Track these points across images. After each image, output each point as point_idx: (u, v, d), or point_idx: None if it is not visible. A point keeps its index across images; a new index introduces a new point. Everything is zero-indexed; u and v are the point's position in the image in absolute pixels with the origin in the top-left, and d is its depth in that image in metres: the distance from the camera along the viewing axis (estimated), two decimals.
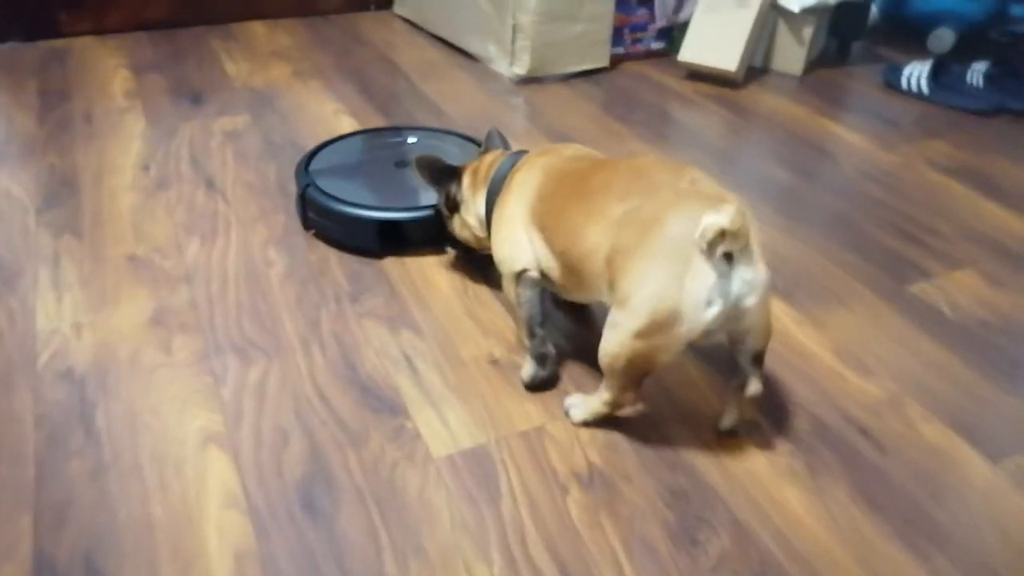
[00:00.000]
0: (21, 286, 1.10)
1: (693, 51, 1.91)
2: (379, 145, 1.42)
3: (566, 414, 0.92)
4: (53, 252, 1.17)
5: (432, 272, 1.17)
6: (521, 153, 1.05)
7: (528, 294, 0.95)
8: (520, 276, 0.95)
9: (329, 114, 1.68)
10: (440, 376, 0.96)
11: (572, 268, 0.89)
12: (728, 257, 0.76)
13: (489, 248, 1.02)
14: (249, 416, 0.89)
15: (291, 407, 0.91)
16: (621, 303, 0.81)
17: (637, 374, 0.84)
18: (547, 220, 0.92)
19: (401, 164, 1.34)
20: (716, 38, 1.89)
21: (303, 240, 1.23)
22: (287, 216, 1.29)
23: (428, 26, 2.16)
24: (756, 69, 1.99)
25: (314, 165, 1.31)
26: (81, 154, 1.45)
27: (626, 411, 0.91)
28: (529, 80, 1.88)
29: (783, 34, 1.97)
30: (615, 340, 0.82)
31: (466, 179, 1.08)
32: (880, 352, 1.04)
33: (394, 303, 1.10)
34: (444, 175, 1.09)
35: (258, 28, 2.14)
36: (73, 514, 0.78)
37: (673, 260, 0.78)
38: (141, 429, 0.87)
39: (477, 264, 1.18)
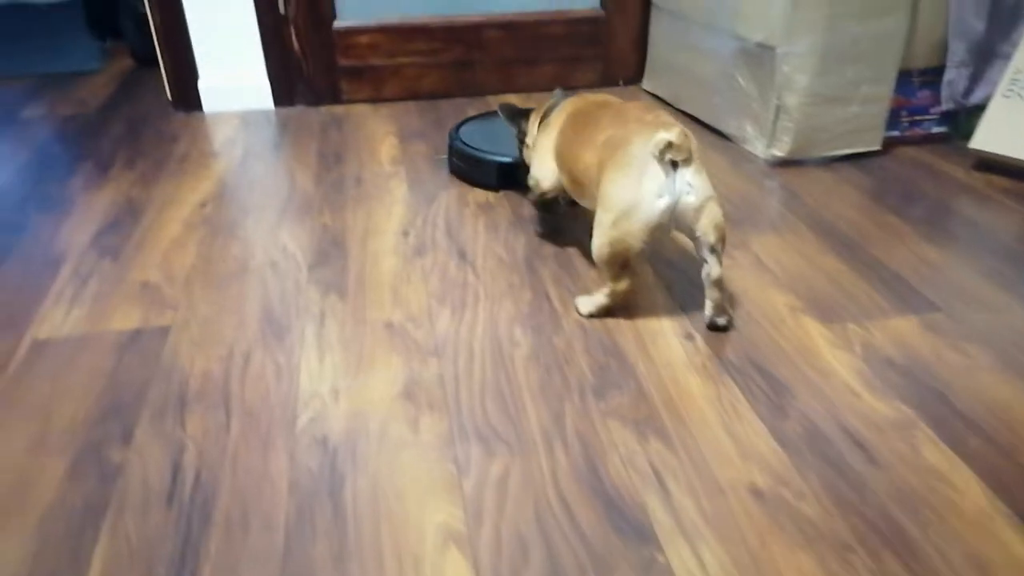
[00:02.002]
0: (289, 341, 1.16)
1: (989, 139, 1.68)
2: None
3: (576, 311, 1.22)
4: (320, 310, 1.24)
5: (682, 372, 1.08)
6: (569, 95, 1.39)
7: (543, 202, 1.41)
8: (543, 195, 1.38)
9: None
10: (694, 502, 0.87)
11: (577, 181, 1.24)
12: (674, 164, 1.08)
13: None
14: (490, 517, 0.85)
15: (532, 512, 0.86)
16: (601, 203, 1.14)
17: (619, 261, 1.15)
18: (563, 150, 1.28)
19: None
20: (1020, 126, 1.64)
21: (549, 321, 1.20)
22: (534, 294, 1.27)
23: (678, 103, 2.11)
24: None
25: (462, 130, 1.79)
26: (350, 215, 1.55)
27: None
28: (787, 163, 1.75)
29: None
30: (598, 233, 1.15)
31: (532, 117, 1.45)
32: None
33: (642, 404, 1.02)
34: (517, 115, 1.49)
35: (512, 101, 2.21)
36: None
37: (634, 167, 1.09)
38: (385, 515, 0.86)
39: (728, 364, 1.07)
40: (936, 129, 1.86)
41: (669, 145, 1.06)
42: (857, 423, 0.98)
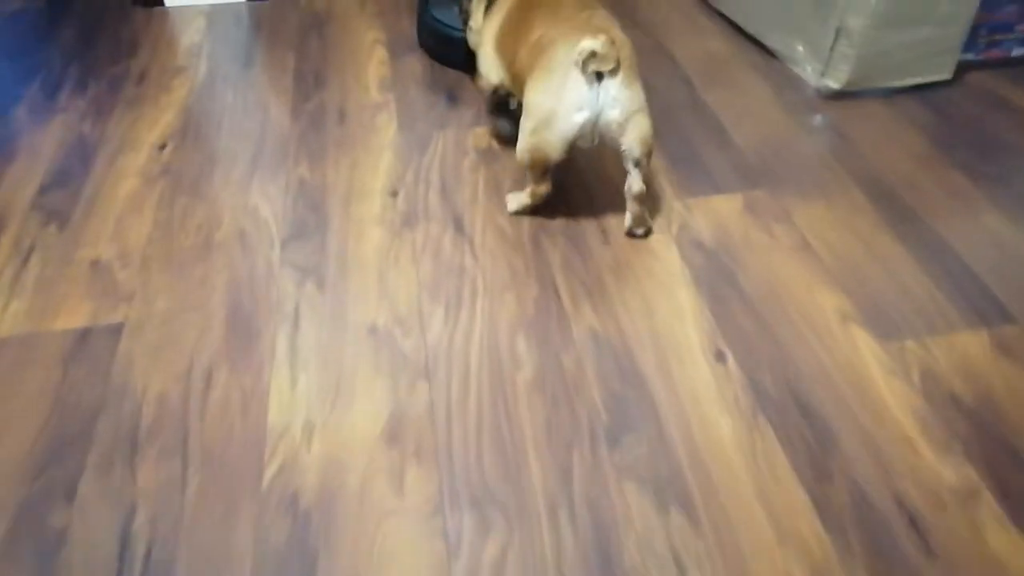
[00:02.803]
0: (258, 353, 1.01)
1: None
2: None
3: (509, 210, 1.22)
4: (294, 306, 1.08)
5: (710, 409, 0.93)
6: None
7: (495, 99, 1.32)
8: (495, 91, 1.29)
9: None
10: None
11: (516, 80, 1.17)
12: (599, 76, 1.03)
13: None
14: None
15: None
16: (524, 107, 1.11)
17: (540, 166, 1.13)
18: (502, 45, 1.21)
19: None
20: None
21: (557, 328, 1.03)
22: (540, 286, 1.10)
23: (716, 2, 1.81)
24: None
25: (433, 1, 1.63)
26: (332, 166, 1.35)
27: None
28: (841, 94, 1.50)
29: None
30: (521, 138, 1.12)
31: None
32: None
33: (661, 458, 0.88)
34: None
35: None
36: None
37: (556, 75, 1.05)
38: None
39: (764, 397, 0.92)
40: (1018, 51, 1.59)
41: (593, 54, 1.01)
42: (913, 491, 0.84)
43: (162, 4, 1.86)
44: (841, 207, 1.25)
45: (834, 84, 1.49)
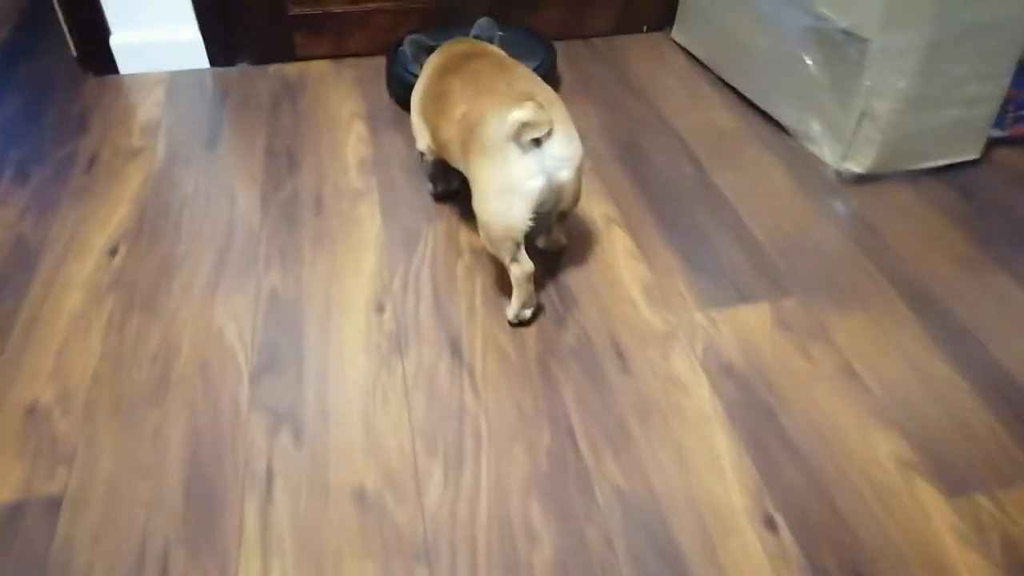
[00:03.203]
0: (224, 532, 0.85)
1: None
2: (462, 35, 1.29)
3: (510, 323, 1.10)
4: (266, 467, 0.91)
5: None
6: (493, 29, 1.25)
7: (428, 163, 1.28)
8: (422, 154, 1.27)
9: (598, 219, 1.30)
10: None
11: (443, 150, 1.15)
12: (537, 141, 0.99)
13: None
14: None
15: None
16: (473, 188, 1.05)
17: (509, 243, 1.04)
18: (426, 113, 1.18)
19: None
20: None
21: (577, 490, 0.89)
22: (553, 431, 0.95)
23: (717, 67, 1.69)
24: None
25: (403, 51, 1.48)
26: (308, 271, 1.19)
27: None
28: (863, 178, 1.39)
29: None
30: (479, 220, 1.06)
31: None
32: None
33: None
34: (422, 52, 1.25)
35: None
36: None
37: (496, 154, 1.00)
38: None
39: None
40: None
41: (524, 125, 0.96)
42: None
43: (116, 72, 1.69)
44: (882, 319, 1.12)
45: (857, 168, 1.37)
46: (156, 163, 1.43)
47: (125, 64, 1.69)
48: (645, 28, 1.90)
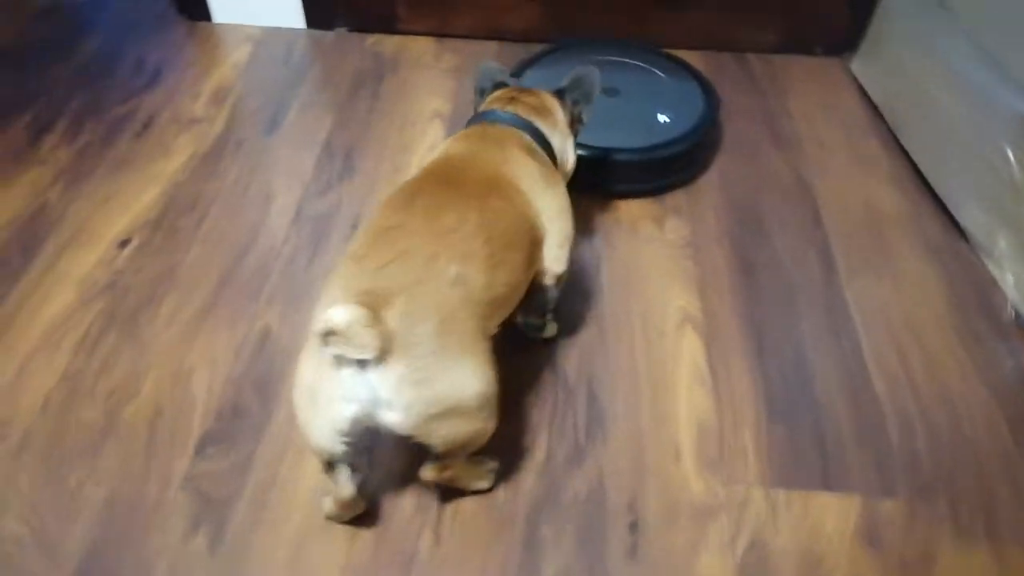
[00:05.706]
0: None
1: None
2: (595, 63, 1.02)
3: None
4: (167, 572, 0.77)
5: None
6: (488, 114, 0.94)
7: None
8: None
9: (671, 313, 1.03)
10: None
11: None
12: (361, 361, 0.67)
13: None
14: None
15: None
16: None
17: (319, 458, 0.75)
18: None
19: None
20: None
21: None
22: None
23: (895, 122, 1.32)
24: None
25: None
26: (311, 315, 1.02)
27: None
28: None
29: None
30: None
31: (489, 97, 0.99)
32: None
33: None
34: (487, 84, 1.00)
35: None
36: None
37: (312, 353, 0.71)
38: None
39: None
40: None
41: (329, 334, 0.65)
42: None
43: (209, 19, 1.57)
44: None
45: None
46: (207, 141, 1.29)
47: (220, 11, 1.56)
48: (819, 50, 1.53)
